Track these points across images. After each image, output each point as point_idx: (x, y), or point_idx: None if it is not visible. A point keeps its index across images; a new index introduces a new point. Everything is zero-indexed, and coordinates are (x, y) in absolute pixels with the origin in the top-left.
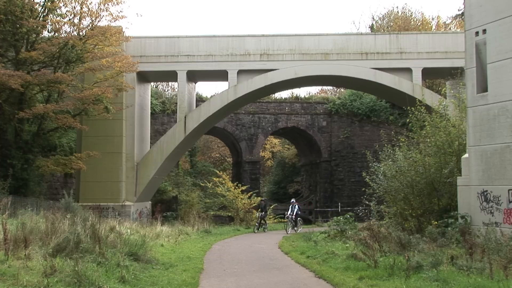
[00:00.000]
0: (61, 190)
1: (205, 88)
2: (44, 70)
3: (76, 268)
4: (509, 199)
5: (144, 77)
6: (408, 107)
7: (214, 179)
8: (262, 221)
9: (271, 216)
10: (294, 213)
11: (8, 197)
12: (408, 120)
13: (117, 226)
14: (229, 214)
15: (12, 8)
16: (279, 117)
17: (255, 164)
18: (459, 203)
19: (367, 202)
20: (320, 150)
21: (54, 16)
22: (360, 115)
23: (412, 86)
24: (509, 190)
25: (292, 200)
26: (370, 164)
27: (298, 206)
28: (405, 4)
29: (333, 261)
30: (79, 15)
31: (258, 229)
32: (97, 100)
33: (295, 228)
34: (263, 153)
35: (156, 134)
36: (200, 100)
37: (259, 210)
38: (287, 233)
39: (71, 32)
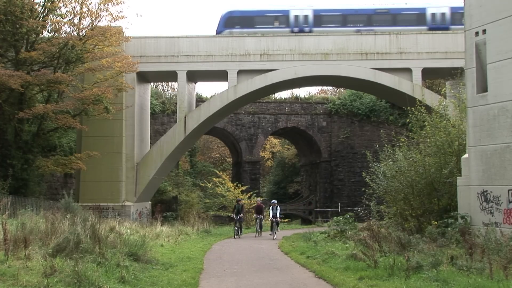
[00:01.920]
0: (61, 190)
1: (205, 88)
2: (44, 70)
3: (76, 268)
4: (509, 199)
5: (144, 77)
6: (408, 107)
7: (214, 179)
8: (239, 225)
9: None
10: (277, 216)
11: (8, 197)
12: (408, 120)
13: (117, 226)
14: (229, 214)
15: (12, 8)
16: (279, 117)
17: (255, 164)
18: (459, 203)
19: (367, 202)
20: (320, 150)
21: (54, 16)
22: (360, 115)
23: (412, 86)
24: (509, 190)
25: (273, 201)
26: (370, 164)
27: (279, 208)
28: (405, 4)
29: (333, 261)
30: (79, 15)
31: (237, 235)
32: (97, 100)
33: (275, 233)
34: (263, 153)
35: (156, 134)
36: (200, 100)
37: (235, 212)
38: (255, 236)
39: (71, 32)
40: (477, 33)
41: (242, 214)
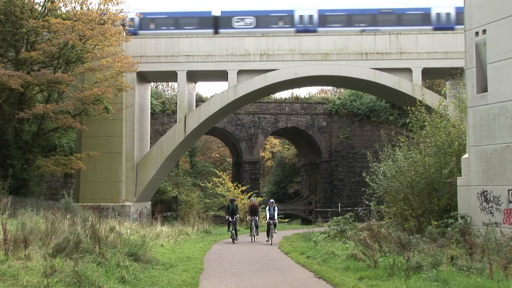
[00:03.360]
0: (61, 190)
1: (205, 88)
2: (44, 70)
3: (76, 268)
4: (509, 199)
5: (144, 77)
6: (408, 107)
7: (214, 179)
8: (234, 227)
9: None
10: (275, 217)
11: (8, 197)
12: (408, 120)
13: (117, 226)
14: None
15: (12, 8)
16: (279, 117)
17: (255, 164)
18: (459, 203)
19: (367, 202)
20: (320, 150)
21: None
22: (360, 115)
23: (412, 86)
24: (509, 190)
25: (270, 200)
26: (370, 164)
27: (278, 208)
28: (405, 4)
29: (333, 261)
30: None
31: (236, 238)
32: (97, 100)
33: (272, 236)
34: (263, 153)
35: (156, 134)
36: (200, 100)
37: (228, 212)
38: (251, 241)
39: (71, 32)
40: (477, 33)
41: (237, 215)
